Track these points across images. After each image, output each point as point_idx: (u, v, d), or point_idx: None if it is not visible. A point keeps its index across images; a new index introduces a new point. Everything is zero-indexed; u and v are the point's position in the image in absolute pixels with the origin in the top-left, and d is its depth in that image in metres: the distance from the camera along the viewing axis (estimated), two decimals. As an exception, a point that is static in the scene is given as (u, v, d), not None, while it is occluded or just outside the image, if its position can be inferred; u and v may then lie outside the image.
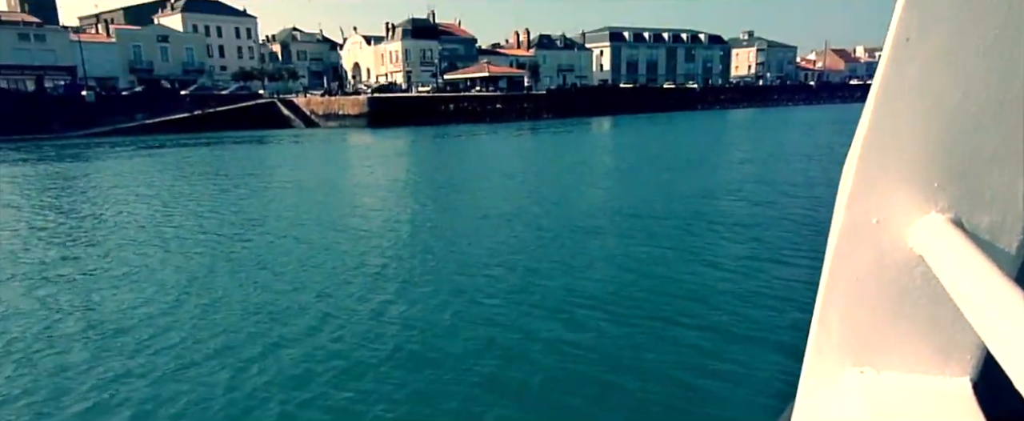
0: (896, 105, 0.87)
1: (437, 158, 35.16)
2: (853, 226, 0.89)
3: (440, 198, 20.73)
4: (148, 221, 16.88)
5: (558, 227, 14.79)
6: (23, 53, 67.62)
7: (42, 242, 14.59)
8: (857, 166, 0.88)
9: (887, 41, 0.87)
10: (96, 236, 15.20)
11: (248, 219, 17.05)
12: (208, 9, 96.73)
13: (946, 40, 0.83)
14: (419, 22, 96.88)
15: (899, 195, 0.87)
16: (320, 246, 13.41)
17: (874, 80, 0.90)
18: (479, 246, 13.05)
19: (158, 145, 45.25)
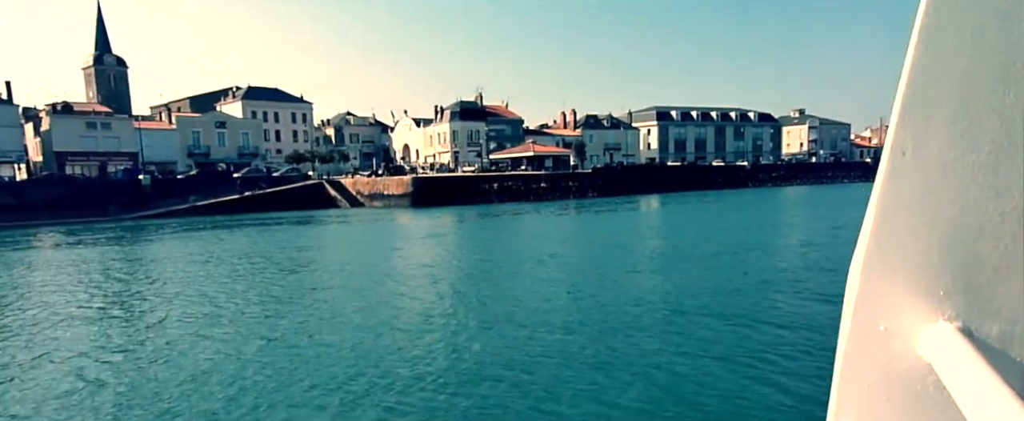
0: (896, 216, 0.87)
1: (475, 238, 34.38)
2: (861, 333, 0.88)
3: (474, 279, 19.85)
4: (188, 298, 17.42)
5: (593, 318, 13.53)
6: (90, 140, 71.16)
7: (89, 318, 15.30)
8: (862, 274, 0.88)
9: (884, 154, 0.88)
10: (140, 312, 15.94)
11: (284, 296, 17.29)
12: (267, 96, 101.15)
13: (942, 154, 0.84)
14: (467, 104, 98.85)
15: (905, 303, 0.86)
16: (356, 326, 13.44)
17: (873, 191, 0.89)
18: (513, 337, 12.18)
19: (203, 227, 45.89)
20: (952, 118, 0.83)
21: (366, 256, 27.09)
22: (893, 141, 0.87)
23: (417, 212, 54.59)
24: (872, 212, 0.89)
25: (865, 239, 0.89)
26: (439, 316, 14.20)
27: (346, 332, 12.85)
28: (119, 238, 38.99)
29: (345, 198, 65.28)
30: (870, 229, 0.89)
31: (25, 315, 15.91)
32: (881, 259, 0.87)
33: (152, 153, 75.23)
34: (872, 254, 0.87)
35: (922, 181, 0.87)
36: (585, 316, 13.67)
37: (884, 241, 0.87)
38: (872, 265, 0.88)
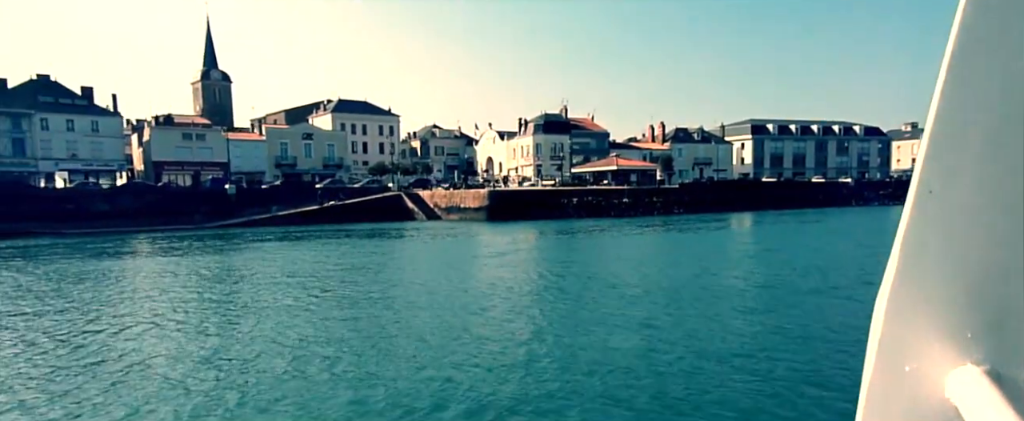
0: (923, 256, 0.84)
1: (547, 255, 32.17)
2: (886, 374, 0.87)
3: (541, 301, 18.15)
4: (256, 305, 18.14)
5: (668, 357, 11.83)
6: (185, 150, 74.04)
7: (164, 322, 15.92)
8: (887, 313, 0.86)
9: (910, 191, 0.86)
10: (210, 319, 16.51)
11: (344, 309, 17.35)
12: (356, 109, 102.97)
13: (971, 193, 0.81)
14: (551, 117, 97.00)
15: (932, 345, 0.85)
16: (423, 344, 13.18)
17: (899, 228, 0.87)
18: (582, 368, 11.17)
19: (277, 237, 45.89)
20: (982, 157, 0.81)
21: (430, 272, 26.08)
22: (920, 178, 0.84)
23: (492, 226, 52.95)
24: (898, 250, 0.86)
25: (890, 277, 0.87)
26: (503, 339, 13.37)
27: (412, 349, 12.69)
28: (195, 245, 39.61)
29: (422, 210, 64.57)
30: (896, 267, 0.86)
31: (111, 317, 16.50)
32: (907, 299, 0.85)
33: (242, 163, 77.50)
34: (898, 293, 0.85)
35: (950, 220, 0.84)
36: (660, 351, 12.22)
37: (910, 280, 0.85)
38: (898, 305, 0.86)
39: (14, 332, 14.83)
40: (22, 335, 14.50)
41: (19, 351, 12.99)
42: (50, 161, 66.74)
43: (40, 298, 19.86)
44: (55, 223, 51.10)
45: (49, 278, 24.82)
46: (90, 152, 68.92)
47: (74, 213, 52.75)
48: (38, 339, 14.01)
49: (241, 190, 63.16)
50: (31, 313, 17.26)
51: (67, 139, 67.90)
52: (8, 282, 24.00)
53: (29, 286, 22.70)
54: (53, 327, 15.29)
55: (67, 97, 69.63)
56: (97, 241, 43.31)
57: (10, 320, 16.30)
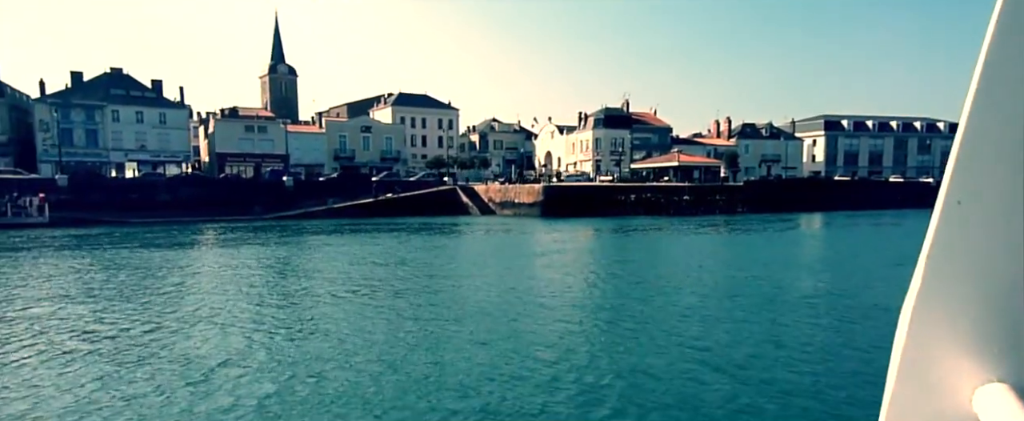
0: (949, 269, 0.83)
1: (599, 254, 30.69)
2: (909, 387, 0.85)
3: (589, 305, 17.05)
4: (301, 294, 18.68)
5: (729, 371, 10.83)
6: (247, 142, 75.49)
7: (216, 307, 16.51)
8: (911, 325, 0.84)
9: (938, 203, 0.85)
10: (258, 307, 16.89)
11: (382, 300, 17.54)
12: (415, 102, 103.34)
13: (1000, 206, 0.80)
14: (611, 111, 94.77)
15: (957, 359, 0.83)
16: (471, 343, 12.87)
17: (925, 240, 0.85)
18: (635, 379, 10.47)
19: (330, 230, 45.83)
20: (1012, 170, 0.80)
21: (478, 268, 25.38)
22: (948, 189, 0.82)
23: (546, 222, 51.64)
24: (923, 261, 0.85)
25: (915, 290, 0.85)
26: (550, 342, 12.74)
27: (463, 347, 12.39)
28: (251, 236, 40.09)
29: (476, 205, 63.80)
30: (921, 279, 0.85)
31: (166, 306, 16.76)
32: (932, 312, 0.84)
33: (302, 155, 78.54)
34: (922, 306, 0.84)
35: (977, 233, 0.83)
36: (709, 362, 11.34)
37: (935, 294, 0.84)
38: (922, 318, 0.85)
39: (76, 319, 15.00)
40: (84, 322, 14.70)
41: (81, 339, 13.08)
42: (120, 152, 69.05)
43: (101, 285, 20.22)
44: (121, 212, 52.60)
45: (111, 266, 25.12)
46: (158, 143, 70.97)
47: (139, 203, 54.18)
48: (99, 327, 14.18)
49: (299, 182, 63.82)
50: (90, 300, 17.53)
51: (136, 130, 70.08)
52: (71, 269, 24.37)
53: (90, 273, 23.04)
54: (113, 315, 15.54)
55: (138, 90, 71.87)
56: (158, 231, 44.18)
57: (72, 307, 16.50)
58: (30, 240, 36.91)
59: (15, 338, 13.12)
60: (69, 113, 66.64)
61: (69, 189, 53.53)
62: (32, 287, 20.24)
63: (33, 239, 37.49)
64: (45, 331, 13.76)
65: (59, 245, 34.37)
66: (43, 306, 16.75)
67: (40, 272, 23.68)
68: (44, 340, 12.95)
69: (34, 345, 12.54)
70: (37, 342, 12.79)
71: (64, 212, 49.68)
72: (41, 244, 34.74)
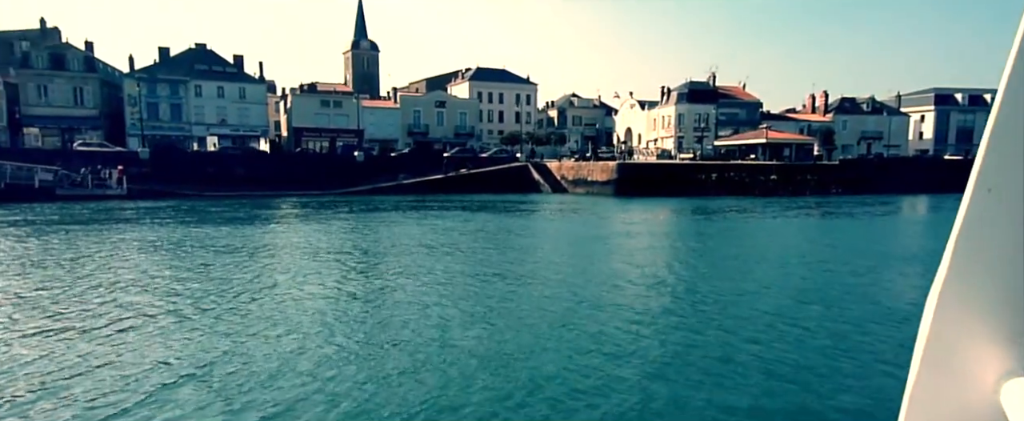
0: (977, 258, 0.81)
1: (669, 237, 28.19)
2: (933, 377, 0.84)
3: (651, 287, 15.90)
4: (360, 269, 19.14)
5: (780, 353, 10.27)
6: (323, 117, 76.03)
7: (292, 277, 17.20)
8: (936, 314, 0.84)
9: (967, 190, 0.82)
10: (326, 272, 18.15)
11: (425, 281, 17.08)
12: (493, 77, 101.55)
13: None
14: (697, 85, 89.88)
15: (984, 350, 0.82)
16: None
17: (954, 228, 0.83)
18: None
19: (397, 206, 44.96)
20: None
21: (541, 250, 24.32)
22: (978, 176, 0.79)
23: (619, 202, 49.02)
24: (951, 250, 0.82)
25: (941, 278, 0.83)
26: (614, 333, 11.78)
27: (525, 333, 11.81)
28: (322, 212, 40.08)
29: (548, 183, 61.66)
30: (948, 267, 0.83)
31: (239, 280, 16.86)
32: (958, 302, 0.82)
33: (376, 130, 78.48)
34: (949, 295, 0.82)
35: (1007, 222, 0.80)
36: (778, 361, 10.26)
37: (963, 283, 0.81)
38: (948, 308, 0.83)
39: (159, 291, 15.19)
40: (163, 293, 14.94)
41: (163, 309, 13.31)
42: (202, 126, 70.80)
43: (174, 258, 20.50)
44: (198, 185, 53.56)
45: (171, 240, 25.37)
46: (237, 117, 72.35)
47: (214, 177, 55.06)
48: (177, 300, 14.26)
49: (370, 157, 63.53)
50: (162, 274, 17.74)
51: (218, 105, 71.63)
52: (134, 242, 24.67)
53: (151, 247, 23.25)
54: (188, 287, 15.67)
55: (220, 65, 73.36)
56: (226, 204, 44.65)
57: (152, 280, 16.71)
58: (100, 212, 37.65)
59: (76, 309, 13.27)
60: (155, 88, 68.76)
61: (150, 162, 55.00)
62: (89, 259, 20.23)
63: (103, 211, 38.25)
64: (104, 302, 13.95)
65: (128, 217, 34.79)
66: (97, 277, 17.00)
67: (103, 244, 23.80)
68: (102, 311, 13.08)
69: (94, 317, 12.62)
70: (96, 314, 12.90)
71: (143, 184, 50.97)
72: (111, 217, 35.26)
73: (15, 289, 15.38)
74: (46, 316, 12.60)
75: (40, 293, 14.92)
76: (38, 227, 29.52)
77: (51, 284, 16.00)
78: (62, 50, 66.31)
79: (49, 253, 21.41)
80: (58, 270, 18.10)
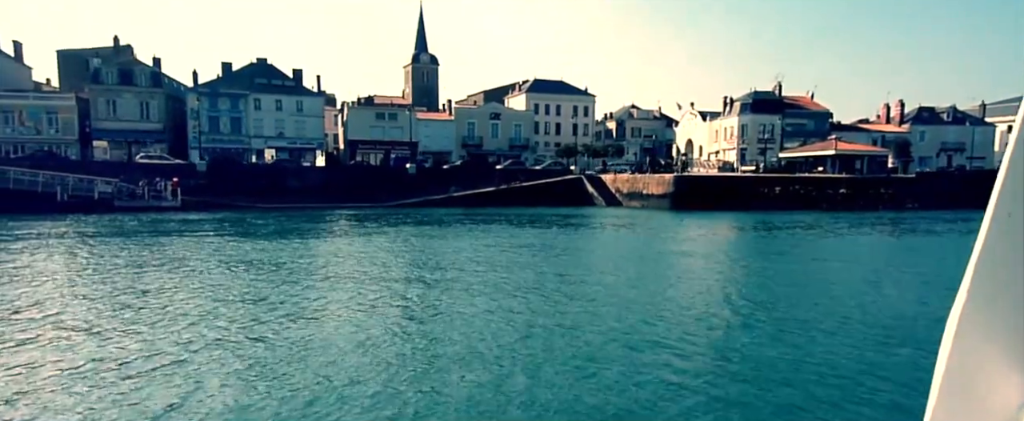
0: (996, 283, 0.78)
1: (726, 255, 26.14)
2: (952, 403, 0.80)
3: (703, 312, 14.43)
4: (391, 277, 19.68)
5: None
6: (378, 130, 76.36)
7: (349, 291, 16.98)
8: (956, 338, 0.81)
9: (987, 213, 0.80)
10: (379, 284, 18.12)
11: (467, 295, 16.73)
12: (551, 89, 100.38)
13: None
14: (761, 95, 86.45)
15: (1004, 377, 0.79)
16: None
17: (974, 251, 0.81)
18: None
19: (443, 219, 44.12)
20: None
21: (588, 266, 23.28)
22: (998, 201, 0.77)
23: (674, 216, 46.85)
24: (971, 274, 0.80)
25: (961, 303, 0.81)
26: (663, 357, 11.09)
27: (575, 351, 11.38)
28: (370, 225, 39.66)
29: (602, 195, 59.82)
30: (967, 291, 0.81)
31: (290, 292, 16.79)
32: (979, 327, 0.79)
33: (430, 143, 78.28)
34: (969, 321, 0.79)
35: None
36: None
37: (983, 308, 0.79)
38: (969, 330, 0.80)
39: (186, 305, 15.15)
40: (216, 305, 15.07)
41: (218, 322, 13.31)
42: (261, 138, 71.98)
43: (205, 271, 20.38)
44: (252, 197, 54.08)
45: (215, 251, 25.45)
46: (294, 130, 73.28)
47: (268, 188, 55.52)
48: (230, 314, 14.23)
49: (422, 169, 63.09)
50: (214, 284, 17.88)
51: (276, 118, 72.73)
52: (198, 252, 25.09)
53: (201, 259, 23.30)
54: (215, 300, 15.64)
55: (279, 79, 74.59)
56: (274, 216, 44.78)
57: (199, 291, 16.87)
58: (150, 223, 38.05)
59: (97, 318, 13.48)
60: (216, 102, 70.34)
61: (206, 174, 55.90)
62: (119, 269, 20.43)
63: (153, 222, 38.65)
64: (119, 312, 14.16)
65: (174, 229, 34.96)
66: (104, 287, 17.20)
67: (142, 255, 23.99)
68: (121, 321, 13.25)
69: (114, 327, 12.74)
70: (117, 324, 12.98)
71: (200, 196, 51.73)
72: (157, 228, 35.54)
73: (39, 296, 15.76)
74: (74, 329, 12.62)
75: (69, 302, 15.18)
76: (84, 238, 29.81)
77: (78, 294, 16.20)
78: (130, 66, 68.60)
79: (81, 263, 21.23)
80: (89, 279, 18.25)
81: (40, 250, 25.17)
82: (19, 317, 13.56)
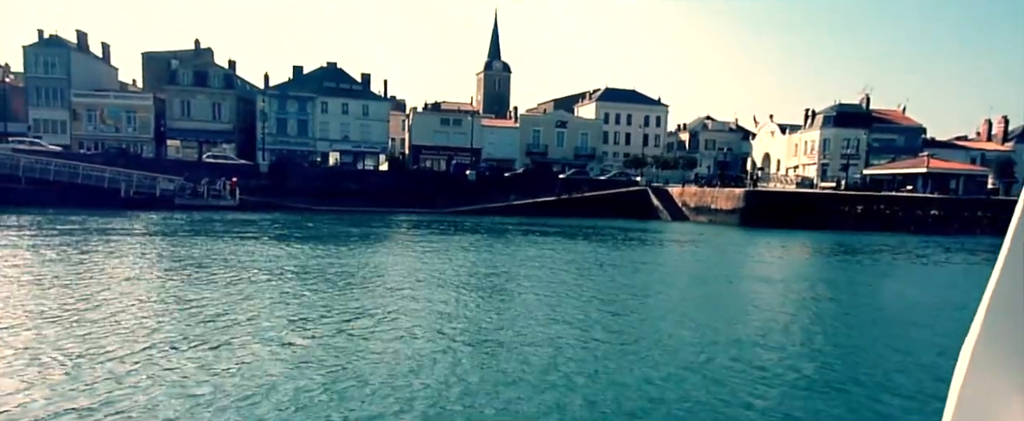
0: (1011, 314, 0.77)
1: (796, 280, 23.51)
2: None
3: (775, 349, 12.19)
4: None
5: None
6: (441, 136, 75.88)
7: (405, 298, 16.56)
8: (967, 372, 0.79)
9: (1004, 245, 0.78)
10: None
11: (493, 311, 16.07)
12: (622, 98, 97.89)
13: None
14: (846, 108, 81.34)
15: (1016, 412, 0.76)
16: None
17: (987, 287, 0.79)
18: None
19: (495, 229, 42.68)
20: None
21: (643, 286, 21.04)
22: (1014, 235, 0.76)
23: (744, 233, 43.76)
24: (985, 308, 0.78)
25: (974, 337, 0.79)
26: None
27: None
28: (418, 229, 39.61)
29: (668, 209, 56.93)
30: (981, 326, 0.79)
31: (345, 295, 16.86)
32: (992, 362, 0.76)
33: (494, 150, 77.16)
34: (982, 355, 0.77)
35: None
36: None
37: (996, 342, 0.76)
38: (981, 367, 0.77)
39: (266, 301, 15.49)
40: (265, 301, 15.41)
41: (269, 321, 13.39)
42: (326, 141, 72.55)
43: (244, 270, 20.41)
44: (311, 199, 54.10)
45: (267, 251, 25.49)
46: (359, 134, 73.57)
47: (327, 191, 55.42)
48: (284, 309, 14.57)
49: (482, 176, 61.88)
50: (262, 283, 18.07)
51: (341, 121, 73.21)
52: (233, 251, 25.04)
53: (248, 257, 23.50)
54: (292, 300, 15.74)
55: (347, 83, 75.14)
56: (327, 218, 44.51)
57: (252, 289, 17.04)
58: (202, 221, 38.16)
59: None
60: (284, 104, 71.37)
61: (268, 175, 56.37)
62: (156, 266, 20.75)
63: (206, 221, 38.75)
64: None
65: (221, 229, 34.76)
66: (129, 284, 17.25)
67: (169, 251, 24.12)
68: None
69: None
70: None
71: (259, 196, 52.05)
72: (202, 228, 35.52)
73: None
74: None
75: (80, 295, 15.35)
76: (130, 233, 29.84)
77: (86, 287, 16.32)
78: (205, 68, 70.46)
79: (112, 256, 20.86)
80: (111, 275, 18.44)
81: (82, 243, 25.20)
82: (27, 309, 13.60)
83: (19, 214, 38.08)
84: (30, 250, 23.19)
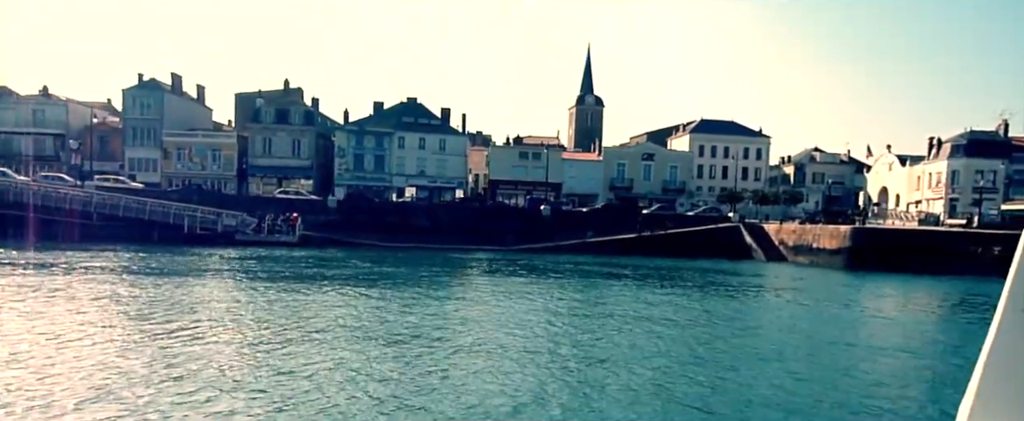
0: (1006, 382, 0.74)
1: (916, 344, 18.44)
2: None
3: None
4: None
5: None
6: (520, 170, 73.09)
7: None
8: (975, 401, 0.76)
9: (999, 306, 0.75)
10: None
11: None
12: (718, 129, 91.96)
13: None
14: (979, 135, 72.16)
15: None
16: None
17: (982, 350, 0.75)
18: None
19: (563, 270, 38.89)
20: None
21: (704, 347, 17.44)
22: (1009, 295, 0.74)
23: (850, 277, 37.70)
24: (980, 372, 0.75)
25: (969, 402, 0.76)
26: None
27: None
28: (480, 269, 38.26)
29: (762, 248, 50.90)
30: (975, 392, 0.76)
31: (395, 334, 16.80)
32: (996, 391, 0.74)
33: (576, 185, 73.49)
34: (979, 413, 0.73)
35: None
36: None
37: (992, 408, 0.73)
38: (987, 394, 0.75)
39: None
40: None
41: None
42: (402, 177, 71.34)
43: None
44: (379, 235, 52.22)
45: (292, 292, 24.39)
46: (436, 169, 71.99)
47: (395, 226, 53.46)
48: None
49: (557, 212, 58.18)
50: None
51: (418, 156, 71.93)
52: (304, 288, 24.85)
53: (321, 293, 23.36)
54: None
55: (425, 117, 74.03)
56: (392, 256, 42.86)
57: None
58: (255, 259, 36.77)
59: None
60: (362, 139, 70.92)
61: (337, 210, 55.16)
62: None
63: (257, 258, 37.33)
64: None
65: (250, 267, 33.07)
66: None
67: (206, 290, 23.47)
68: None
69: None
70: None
71: (326, 232, 50.67)
72: (247, 265, 33.99)
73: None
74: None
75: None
76: (165, 268, 28.43)
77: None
78: (287, 105, 71.26)
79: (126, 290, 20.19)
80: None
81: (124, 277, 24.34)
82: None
83: (71, 250, 37.99)
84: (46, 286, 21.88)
